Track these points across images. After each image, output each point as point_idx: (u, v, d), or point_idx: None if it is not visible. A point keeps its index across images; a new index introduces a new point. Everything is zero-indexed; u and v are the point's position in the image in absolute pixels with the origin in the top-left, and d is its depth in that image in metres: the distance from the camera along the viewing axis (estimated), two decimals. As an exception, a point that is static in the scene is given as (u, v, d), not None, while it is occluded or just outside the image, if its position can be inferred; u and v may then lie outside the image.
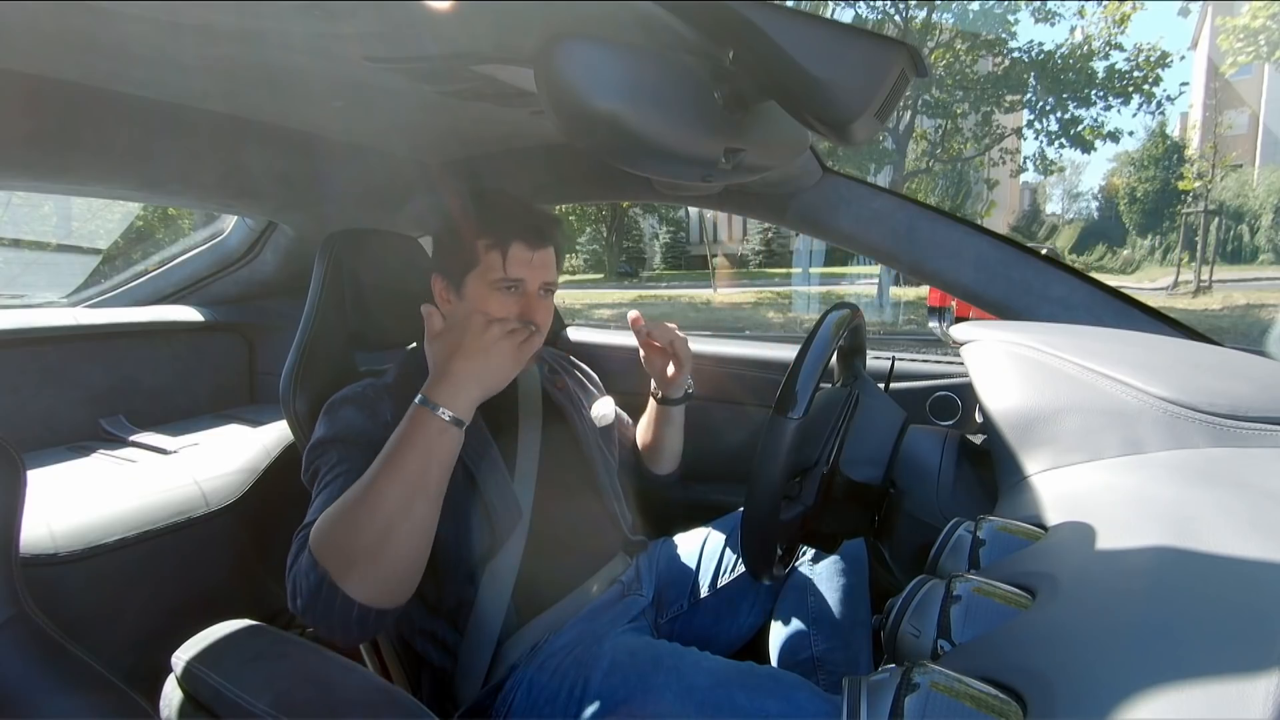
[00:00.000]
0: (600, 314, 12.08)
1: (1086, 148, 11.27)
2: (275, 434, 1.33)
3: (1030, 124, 11.63)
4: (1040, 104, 11.29)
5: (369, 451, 0.74)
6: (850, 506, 0.78)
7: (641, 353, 1.04)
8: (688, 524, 1.11)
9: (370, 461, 0.72)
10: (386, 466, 0.68)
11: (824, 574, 0.96)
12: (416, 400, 0.71)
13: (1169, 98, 11.27)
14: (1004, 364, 0.71)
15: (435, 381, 0.72)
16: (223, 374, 1.60)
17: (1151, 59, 10.52)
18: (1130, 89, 10.60)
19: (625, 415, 1.17)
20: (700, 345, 1.41)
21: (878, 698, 0.38)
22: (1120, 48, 10.61)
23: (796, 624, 0.93)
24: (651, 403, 1.10)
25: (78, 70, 0.78)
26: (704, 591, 1.00)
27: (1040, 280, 0.97)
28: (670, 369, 1.02)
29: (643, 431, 1.14)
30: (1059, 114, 11.20)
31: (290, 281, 1.52)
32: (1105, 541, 0.47)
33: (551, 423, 0.97)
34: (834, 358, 0.77)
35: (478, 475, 0.85)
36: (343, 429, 0.80)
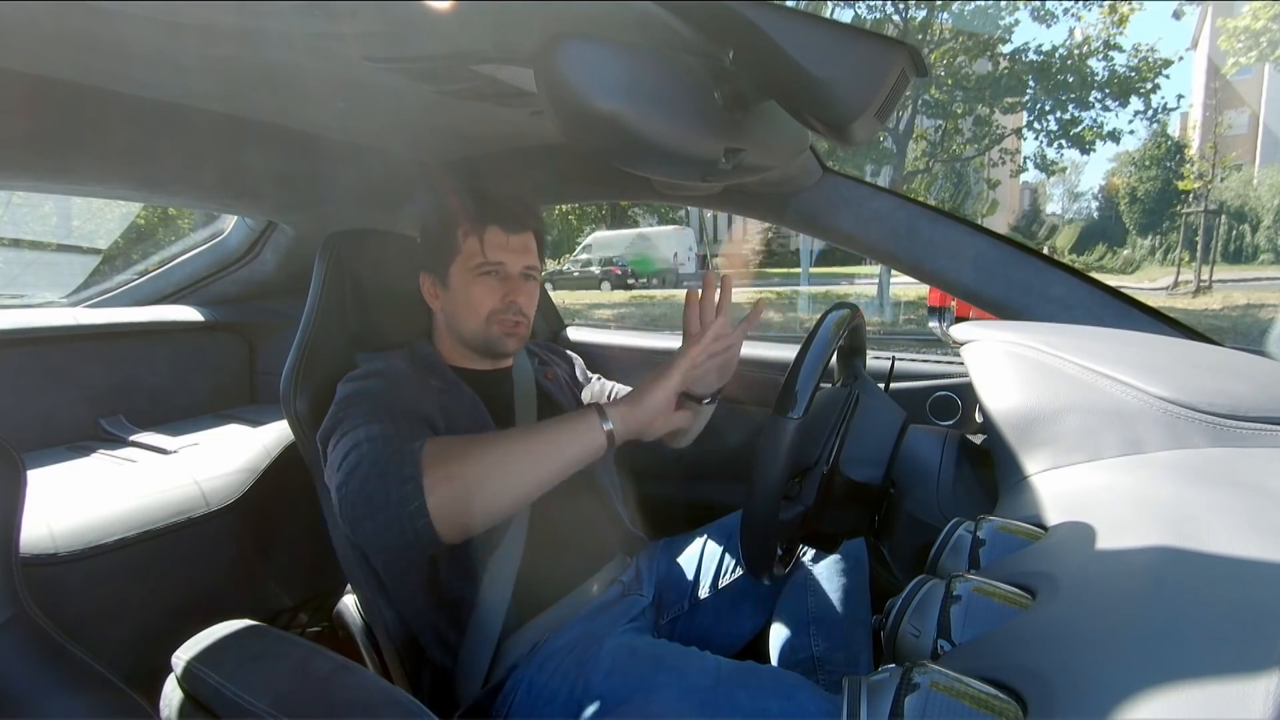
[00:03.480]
0: (600, 314, 12.06)
1: (1085, 149, 11.25)
2: (275, 434, 1.33)
3: (1030, 124, 11.61)
4: (1039, 105, 11.28)
5: (394, 409, 0.78)
6: (850, 506, 0.78)
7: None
8: (688, 524, 1.11)
9: (397, 421, 0.76)
10: (536, 431, 0.74)
11: (824, 574, 0.96)
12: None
13: (1166, 107, 11.21)
14: (1004, 364, 0.71)
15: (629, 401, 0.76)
16: (223, 374, 1.60)
17: (1151, 62, 10.49)
18: (1130, 91, 10.57)
19: (621, 387, 1.11)
20: None
21: (878, 698, 0.38)
22: (1119, 48, 10.59)
23: (797, 624, 0.93)
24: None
25: (78, 70, 0.78)
26: (704, 592, 1.00)
27: (1040, 280, 0.97)
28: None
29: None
30: (1058, 114, 11.18)
31: (290, 281, 1.52)
32: (1105, 541, 0.47)
33: (547, 416, 0.97)
34: (834, 358, 0.77)
35: None
36: (363, 390, 0.81)
